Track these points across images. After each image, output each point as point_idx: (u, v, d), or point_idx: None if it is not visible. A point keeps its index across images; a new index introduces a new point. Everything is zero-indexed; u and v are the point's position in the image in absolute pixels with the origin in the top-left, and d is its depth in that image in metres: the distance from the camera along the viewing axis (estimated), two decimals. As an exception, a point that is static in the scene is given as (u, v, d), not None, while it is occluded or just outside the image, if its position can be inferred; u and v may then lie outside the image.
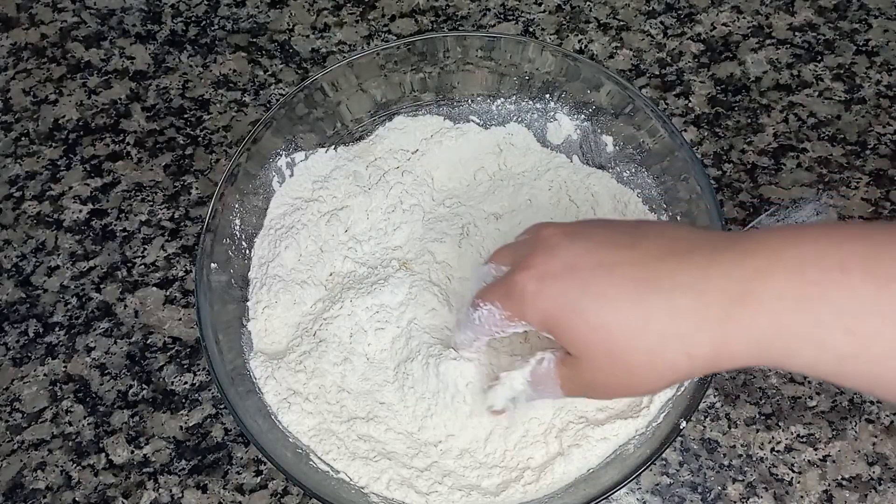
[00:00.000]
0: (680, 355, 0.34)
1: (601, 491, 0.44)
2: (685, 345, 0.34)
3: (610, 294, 0.35)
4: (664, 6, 0.70)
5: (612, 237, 0.37)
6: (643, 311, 0.34)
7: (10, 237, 0.61)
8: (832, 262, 0.31)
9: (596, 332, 0.35)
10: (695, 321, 0.33)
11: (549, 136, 0.60)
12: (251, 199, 0.56)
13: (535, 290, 0.37)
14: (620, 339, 0.35)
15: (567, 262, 0.36)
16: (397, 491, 0.47)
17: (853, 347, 0.31)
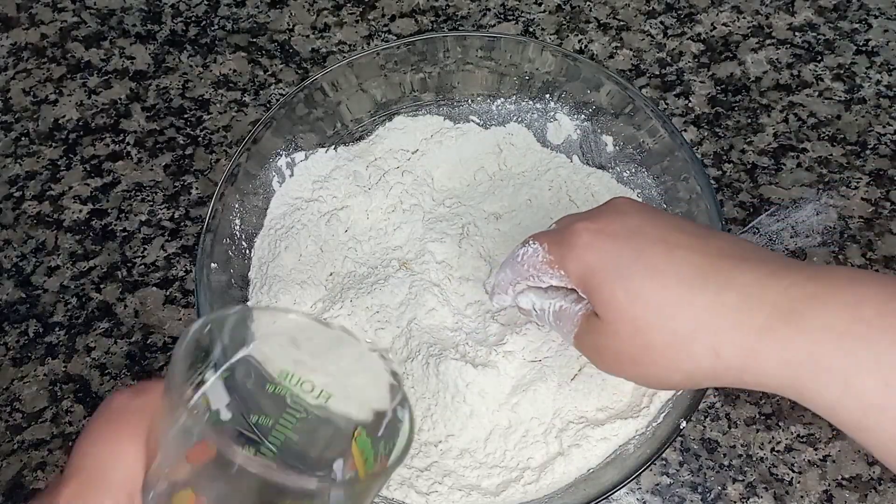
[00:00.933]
0: (707, 350, 0.33)
1: (601, 491, 0.44)
2: (716, 341, 0.32)
3: (661, 269, 0.34)
4: (664, 6, 0.70)
5: (682, 225, 0.36)
6: (687, 295, 0.33)
7: (10, 237, 0.61)
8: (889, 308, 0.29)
9: (632, 301, 0.34)
10: (734, 321, 0.32)
11: (549, 136, 0.60)
12: (251, 199, 0.56)
13: (587, 241, 0.36)
14: (653, 314, 0.34)
15: (630, 227, 0.36)
16: (397, 491, 0.47)
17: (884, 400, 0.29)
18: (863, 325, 0.29)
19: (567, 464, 0.48)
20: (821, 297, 0.31)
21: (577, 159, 0.60)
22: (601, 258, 0.35)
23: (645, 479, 0.51)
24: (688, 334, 0.33)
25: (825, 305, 0.30)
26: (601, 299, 0.35)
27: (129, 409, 0.30)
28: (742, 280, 0.32)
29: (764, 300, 0.31)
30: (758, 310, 0.31)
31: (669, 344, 0.33)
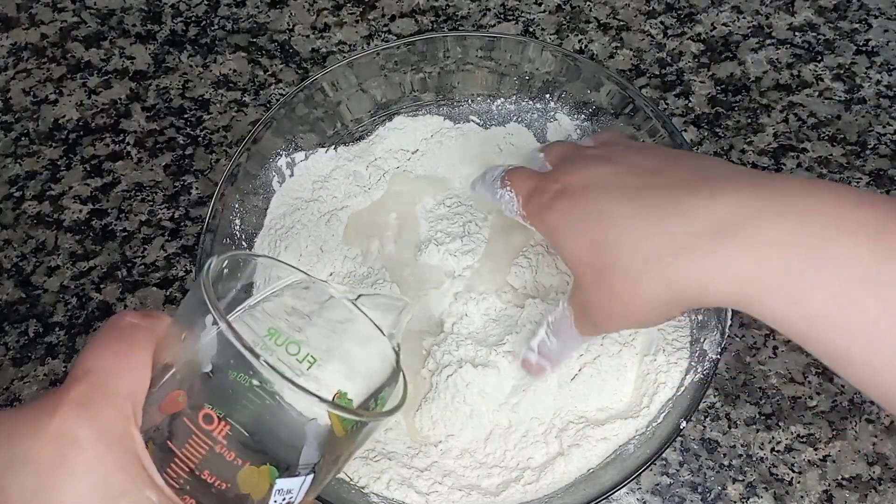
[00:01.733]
0: (661, 282, 0.33)
1: (601, 491, 0.44)
2: (667, 271, 0.33)
3: (616, 213, 0.35)
4: (664, 6, 0.70)
5: (641, 163, 0.37)
6: (633, 231, 0.34)
7: (10, 237, 0.61)
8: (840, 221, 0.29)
9: (591, 249, 0.36)
10: (679, 249, 0.32)
11: (549, 136, 0.60)
12: (251, 199, 0.56)
13: (549, 203, 0.38)
14: (609, 257, 0.35)
15: (587, 180, 0.37)
16: (397, 491, 0.47)
17: (833, 314, 0.29)
18: (806, 239, 0.29)
19: (567, 464, 0.48)
20: (765, 213, 0.31)
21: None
22: (562, 218, 0.37)
23: (645, 479, 0.51)
24: (643, 270, 0.33)
25: (769, 221, 0.30)
26: (567, 256, 0.37)
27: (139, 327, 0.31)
28: (685, 207, 0.33)
29: (709, 221, 0.32)
30: (702, 232, 0.32)
31: (630, 283, 0.34)
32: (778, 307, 0.30)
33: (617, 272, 0.35)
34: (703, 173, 0.34)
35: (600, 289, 0.36)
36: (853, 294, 0.29)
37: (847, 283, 0.29)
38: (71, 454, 0.27)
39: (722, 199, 0.32)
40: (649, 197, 0.34)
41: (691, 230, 0.32)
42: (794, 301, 0.30)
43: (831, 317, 0.29)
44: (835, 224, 0.29)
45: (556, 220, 0.37)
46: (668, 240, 0.33)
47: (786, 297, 0.30)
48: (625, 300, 0.35)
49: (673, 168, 0.36)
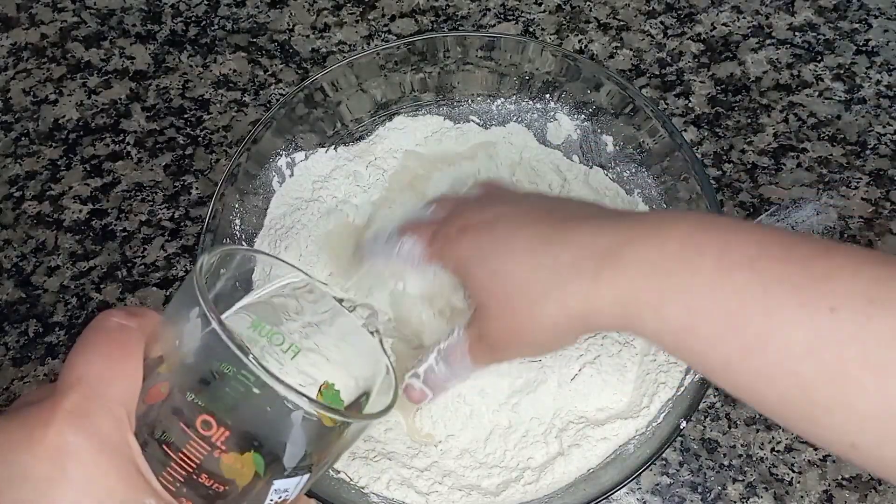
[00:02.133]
0: (556, 307, 0.36)
1: (601, 491, 0.44)
2: (561, 297, 0.36)
3: (511, 248, 0.38)
4: (664, 6, 0.70)
5: (537, 205, 0.41)
6: (534, 262, 0.37)
7: (10, 237, 0.61)
8: (693, 243, 0.33)
9: (492, 278, 0.38)
10: (572, 276, 0.36)
11: (549, 136, 0.60)
12: (251, 199, 0.56)
13: (455, 238, 0.41)
14: (510, 285, 0.38)
15: (489, 218, 0.40)
16: (397, 491, 0.47)
17: (687, 323, 0.33)
18: (668, 260, 0.33)
19: (567, 464, 0.48)
20: (636, 240, 0.35)
21: (578, 159, 0.60)
22: (467, 250, 0.40)
23: (645, 479, 0.51)
24: (539, 298, 0.37)
25: (639, 246, 0.34)
26: (472, 286, 0.40)
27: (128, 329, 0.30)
28: (578, 237, 0.36)
29: (594, 250, 0.35)
30: (589, 259, 0.35)
31: (528, 308, 0.37)
32: (650, 324, 0.34)
33: (516, 298, 0.37)
34: (586, 213, 0.39)
35: (501, 315, 0.39)
36: (700, 305, 0.32)
37: (695, 296, 0.32)
38: (70, 467, 0.27)
39: (605, 232, 0.36)
40: (544, 230, 0.38)
41: (579, 259, 0.36)
42: (660, 317, 0.33)
43: (688, 327, 0.33)
44: (689, 246, 0.33)
45: (462, 253, 0.40)
46: (561, 269, 0.36)
47: (654, 314, 0.33)
48: (524, 325, 0.38)
49: (562, 209, 0.40)
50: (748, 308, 0.31)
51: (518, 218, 0.40)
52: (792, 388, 0.31)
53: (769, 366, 0.31)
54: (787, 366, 0.30)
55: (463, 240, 0.40)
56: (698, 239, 0.33)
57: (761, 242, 0.32)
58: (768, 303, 0.31)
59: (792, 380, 0.30)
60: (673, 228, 0.34)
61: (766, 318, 0.31)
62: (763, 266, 0.31)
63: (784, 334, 0.30)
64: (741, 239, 0.33)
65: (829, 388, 0.30)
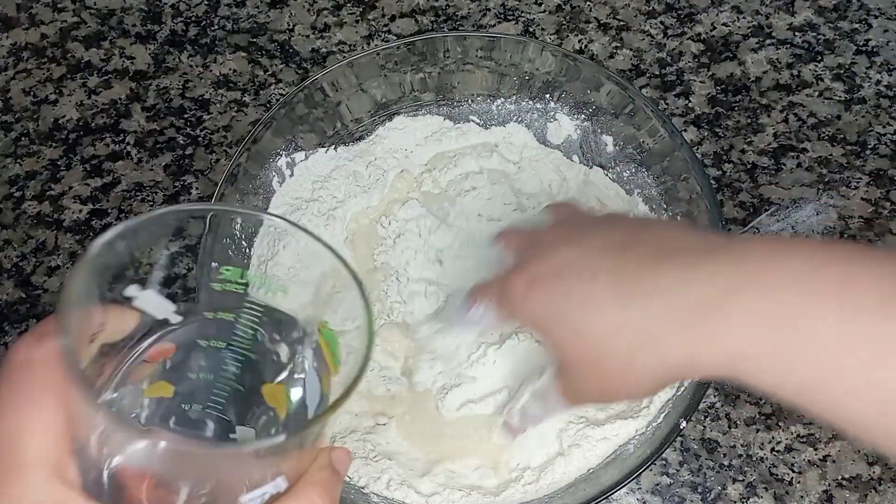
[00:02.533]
0: (653, 361, 0.34)
1: (601, 491, 0.44)
2: (658, 350, 0.33)
3: (591, 301, 0.35)
4: (664, 6, 0.70)
5: (608, 239, 0.37)
6: (619, 316, 0.34)
7: (10, 237, 0.61)
8: (807, 287, 0.30)
9: (575, 339, 0.35)
10: (666, 332, 0.33)
11: (549, 136, 0.60)
12: (251, 199, 0.56)
13: (524, 293, 0.37)
14: (597, 346, 0.35)
15: (557, 267, 0.36)
16: (397, 491, 0.47)
17: (812, 380, 0.30)
18: (784, 309, 0.30)
19: (567, 464, 0.48)
20: (740, 284, 0.31)
21: (578, 159, 0.60)
22: (541, 306, 0.36)
23: (645, 479, 0.51)
24: (631, 353, 0.34)
25: (745, 292, 0.31)
26: (554, 345, 0.37)
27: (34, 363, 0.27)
28: (664, 283, 0.33)
29: (689, 300, 0.32)
30: (683, 310, 0.32)
31: (619, 367, 0.35)
32: (768, 379, 0.31)
33: (608, 358, 0.35)
34: (668, 246, 0.35)
35: (592, 374, 0.36)
36: (827, 360, 0.29)
37: (820, 351, 0.30)
38: None
39: (698, 275, 0.32)
40: (625, 278, 0.34)
41: (674, 309, 0.32)
42: (780, 372, 0.31)
43: (812, 386, 0.30)
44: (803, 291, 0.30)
45: (535, 310, 0.37)
46: (654, 321, 0.33)
47: (769, 370, 0.31)
48: (618, 382, 0.36)
49: (639, 243, 0.36)
50: (884, 360, 0.28)
51: (590, 262, 0.36)
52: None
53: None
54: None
55: (531, 296, 0.37)
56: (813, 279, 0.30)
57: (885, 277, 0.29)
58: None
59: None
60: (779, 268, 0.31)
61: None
62: (892, 309, 0.28)
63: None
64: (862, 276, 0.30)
65: None
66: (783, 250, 0.32)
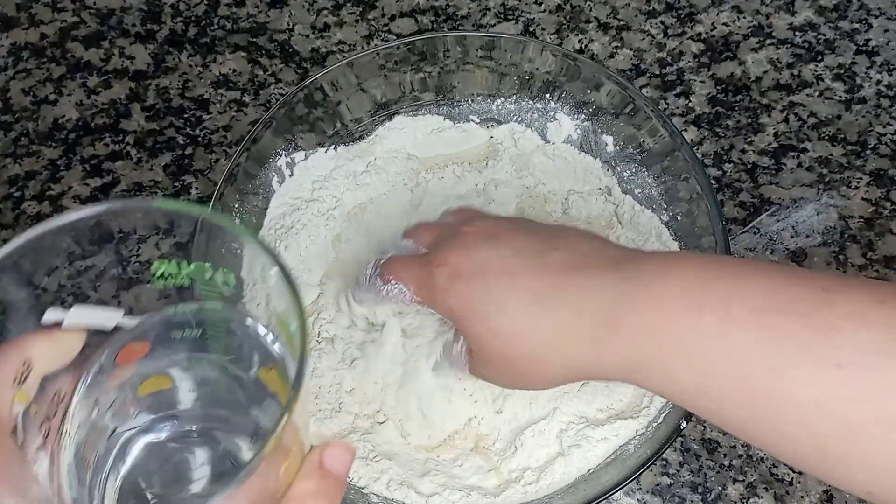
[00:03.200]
0: (560, 364, 0.37)
1: (601, 491, 0.44)
2: (565, 356, 0.37)
3: (507, 303, 0.38)
4: (664, 6, 0.70)
5: (526, 244, 0.40)
6: (532, 322, 0.37)
7: (10, 237, 0.61)
8: (691, 300, 0.33)
9: (491, 337, 0.39)
10: (572, 340, 0.36)
11: (549, 136, 0.60)
12: (251, 199, 0.56)
13: (445, 286, 0.40)
14: (510, 346, 0.38)
15: (477, 265, 0.39)
16: (397, 491, 0.47)
17: (695, 383, 0.33)
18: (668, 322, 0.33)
19: (567, 464, 0.48)
20: (635, 300, 0.35)
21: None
22: (460, 300, 0.39)
23: (645, 479, 0.51)
24: (541, 357, 0.38)
25: (637, 308, 0.34)
26: (471, 337, 0.40)
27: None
28: (572, 295, 0.37)
29: (590, 312, 0.36)
30: (587, 323, 0.36)
31: (528, 366, 0.39)
32: (657, 383, 0.35)
33: (520, 358, 0.38)
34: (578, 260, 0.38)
35: (503, 367, 0.40)
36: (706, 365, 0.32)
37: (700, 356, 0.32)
38: None
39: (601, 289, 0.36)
40: (538, 286, 0.38)
41: (579, 320, 0.36)
42: (667, 379, 0.34)
43: (696, 389, 0.33)
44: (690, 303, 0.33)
45: (457, 305, 0.40)
46: (562, 330, 0.37)
47: (659, 376, 0.34)
48: (527, 378, 0.40)
49: (552, 251, 0.39)
50: (756, 369, 0.31)
51: (510, 264, 0.39)
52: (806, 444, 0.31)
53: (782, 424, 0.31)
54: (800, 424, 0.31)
55: (452, 290, 0.40)
56: (698, 295, 0.33)
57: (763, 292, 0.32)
58: (775, 362, 0.31)
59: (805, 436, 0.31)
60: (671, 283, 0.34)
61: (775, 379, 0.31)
62: (767, 321, 0.31)
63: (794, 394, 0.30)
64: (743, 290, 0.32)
65: (843, 444, 0.30)
66: (675, 267, 0.35)
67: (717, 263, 0.35)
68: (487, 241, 0.41)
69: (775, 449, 0.33)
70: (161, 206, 0.31)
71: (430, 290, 0.41)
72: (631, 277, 0.36)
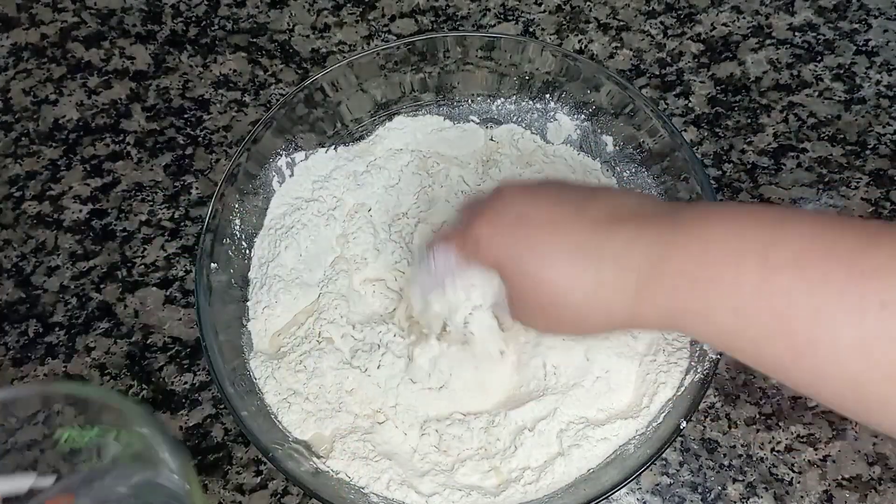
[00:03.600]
0: (601, 315, 0.38)
1: (601, 491, 0.44)
2: (606, 308, 0.38)
3: (550, 253, 0.38)
4: (664, 6, 0.70)
5: (563, 197, 0.41)
6: (573, 275, 0.38)
7: (10, 237, 0.61)
8: (731, 246, 0.34)
9: (534, 285, 0.39)
10: (614, 292, 0.37)
11: (549, 136, 0.60)
12: (251, 199, 0.56)
13: (487, 235, 0.40)
14: (553, 296, 0.39)
15: (519, 214, 0.40)
16: (397, 491, 0.47)
17: (736, 325, 0.33)
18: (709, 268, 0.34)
19: (567, 464, 0.48)
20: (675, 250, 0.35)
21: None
22: (503, 249, 0.40)
23: (645, 479, 0.51)
24: (583, 307, 0.38)
25: (676, 256, 0.35)
26: (513, 285, 0.41)
27: None
28: (611, 250, 0.37)
29: (631, 265, 0.36)
30: (630, 276, 0.36)
31: (570, 316, 0.39)
32: (698, 328, 0.35)
33: (562, 308, 0.39)
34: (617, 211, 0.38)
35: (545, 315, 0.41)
36: (747, 309, 0.33)
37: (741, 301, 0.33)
38: None
39: (641, 241, 0.36)
40: (578, 239, 0.38)
41: (621, 274, 0.37)
42: (707, 322, 0.34)
43: (736, 331, 0.34)
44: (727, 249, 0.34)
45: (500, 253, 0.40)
46: (604, 283, 0.37)
47: (701, 321, 0.35)
48: (568, 326, 0.41)
49: (593, 201, 0.39)
50: (795, 310, 0.31)
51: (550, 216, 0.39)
52: (845, 386, 0.31)
53: (821, 366, 0.31)
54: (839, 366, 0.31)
55: (495, 241, 0.40)
56: (738, 241, 0.33)
57: (804, 237, 0.32)
58: (815, 303, 0.31)
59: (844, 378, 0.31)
60: (712, 231, 0.34)
61: (814, 320, 0.31)
62: (807, 264, 0.31)
63: (833, 335, 0.30)
64: (784, 235, 0.33)
65: (883, 385, 0.30)
66: (714, 215, 0.35)
67: (759, 209, 0.36)
68: (526, 194, 0.41)
69: (813, 393, 0.33)
70: (62, 390, 0.33)
71: (474, 245, 0.41)
72: (672, 227, 0.36)
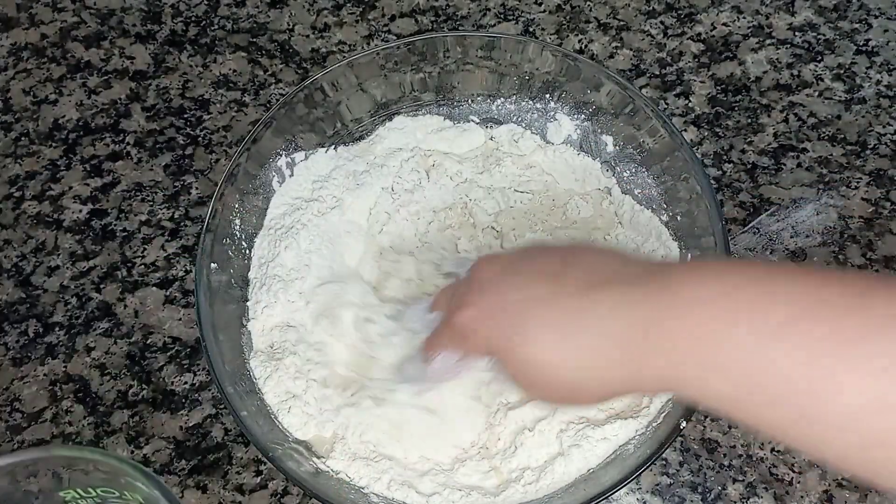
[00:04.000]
0: (597, 385, 0.38)
1: (601, 491, 0.44)
2: (600, 378, 0.37)
3: (533, 331, 0.38)
4: (664, 6, 0.70)
5: (541, 268, 0.40)
6: (560, 353, 0.37)
7: (10, 237, 0.61)
8: (721, 311, 0.33)
9: (528, 367, 0.39)
10: (603, 362, 0.36)
11: (549, 136, 0.60)
12: (251, 199, 0.56)
13: (473, 330, 0.40)
14: (546, 375, 0.38)
15: (498, 299, 0.40)
16: (398, 491, 0.47)
17: (734, 396, 0.33)
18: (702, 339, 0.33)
19: (567, 464, 0.48)
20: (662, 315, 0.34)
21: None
22: (492, 336, 0.39)
23: (645, 479, 0.51)
24: (578, 381, 0.38)
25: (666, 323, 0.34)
26: (510, 369, 0.40)
27: None
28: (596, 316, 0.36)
29: (617, 332, 0.35)
30: (615, 344, 0.36)
31: (568, 392, 0.39)
32: (696, 396, 0.35)
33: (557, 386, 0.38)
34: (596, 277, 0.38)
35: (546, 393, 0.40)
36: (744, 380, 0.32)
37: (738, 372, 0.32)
38: None
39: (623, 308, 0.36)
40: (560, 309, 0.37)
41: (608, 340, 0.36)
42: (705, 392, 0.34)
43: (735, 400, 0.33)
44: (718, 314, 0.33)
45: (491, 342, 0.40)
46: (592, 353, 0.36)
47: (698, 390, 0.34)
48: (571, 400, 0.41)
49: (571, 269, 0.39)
50: (794, 378, 0.30)
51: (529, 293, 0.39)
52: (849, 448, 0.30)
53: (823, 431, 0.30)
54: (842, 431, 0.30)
55: (480, 330, 0.40)
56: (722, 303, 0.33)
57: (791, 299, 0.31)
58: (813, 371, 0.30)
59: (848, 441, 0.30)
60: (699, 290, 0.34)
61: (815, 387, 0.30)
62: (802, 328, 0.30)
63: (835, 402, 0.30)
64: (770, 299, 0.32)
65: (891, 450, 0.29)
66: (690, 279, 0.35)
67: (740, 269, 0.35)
68: (501, 274, 0.41)
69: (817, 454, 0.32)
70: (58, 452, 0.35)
71: (462, 340, 0.41)
72: (656, 293, 0.35)
